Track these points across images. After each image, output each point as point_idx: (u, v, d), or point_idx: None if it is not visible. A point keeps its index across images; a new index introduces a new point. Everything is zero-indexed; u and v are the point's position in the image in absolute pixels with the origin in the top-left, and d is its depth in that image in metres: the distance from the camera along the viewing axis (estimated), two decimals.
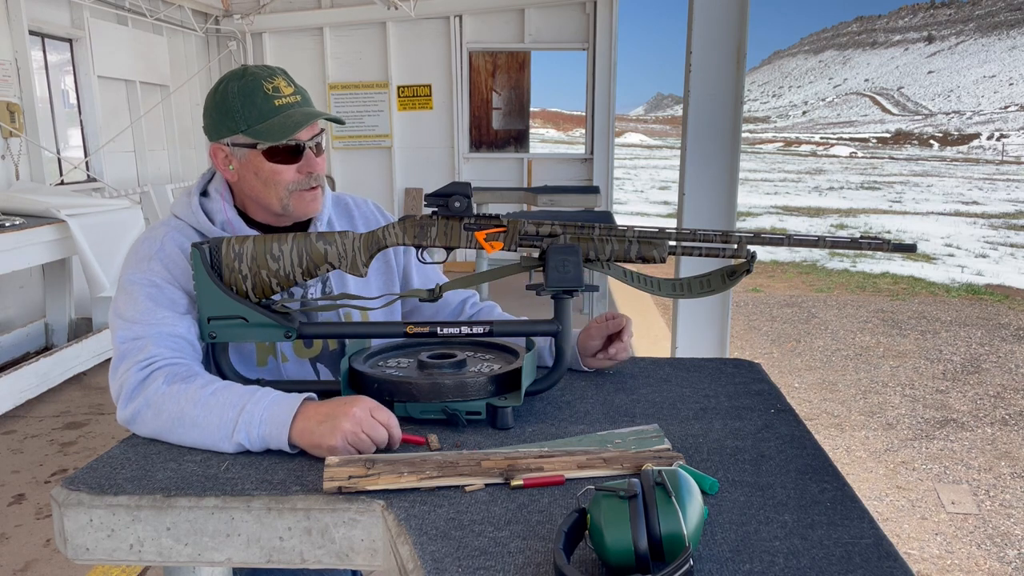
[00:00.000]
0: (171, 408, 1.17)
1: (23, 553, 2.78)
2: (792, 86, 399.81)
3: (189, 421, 1.16)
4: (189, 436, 1.16)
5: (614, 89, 7.92)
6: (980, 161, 56.40)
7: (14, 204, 4.39)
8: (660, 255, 1.25)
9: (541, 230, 1.26)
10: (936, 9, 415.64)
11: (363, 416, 1.10)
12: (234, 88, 1.32)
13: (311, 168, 1.35)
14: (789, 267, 10.13)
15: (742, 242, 1.22)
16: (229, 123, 1.32)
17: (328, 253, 1.25)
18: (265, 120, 1.31)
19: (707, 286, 1.27)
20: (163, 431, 1.17)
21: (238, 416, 1.14)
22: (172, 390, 1.18)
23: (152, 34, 6.96)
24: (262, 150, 1.32)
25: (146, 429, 1.20)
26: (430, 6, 7.64)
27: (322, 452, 1.09)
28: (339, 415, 1.10)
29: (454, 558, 0.84)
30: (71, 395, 4.46)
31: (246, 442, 1.13)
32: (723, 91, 2.49)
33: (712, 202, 2.55)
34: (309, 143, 1.34)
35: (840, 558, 0.83)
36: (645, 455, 1.05)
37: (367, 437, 1.10)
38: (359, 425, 1.09)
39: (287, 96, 1.33)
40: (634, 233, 1.25)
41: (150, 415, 1.18)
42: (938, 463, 3.86)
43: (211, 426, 1.15)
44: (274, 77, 1.34)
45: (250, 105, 1.31)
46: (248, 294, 1.26)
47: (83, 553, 0.99)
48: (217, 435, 1.14)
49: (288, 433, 1.11)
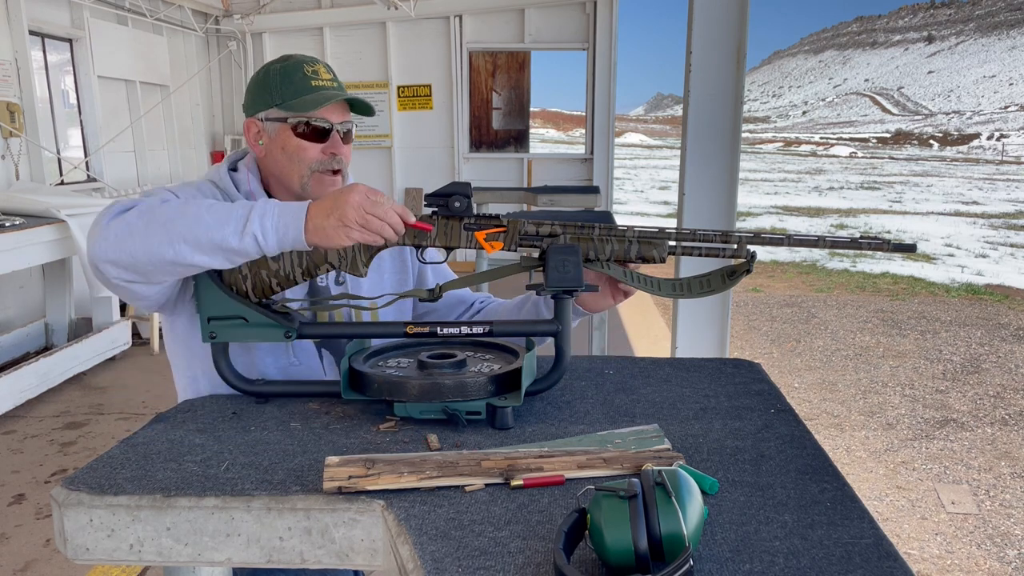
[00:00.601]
0: (168, 212, 1.15)
1: (23, 553, 2.78)
2: (792, 86, 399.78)
3: (192, 216, 1.15)
4: (188, 231, 1.13)
5: (614, 89, 7.92)
6: (980, 161, 56.40)
7: (14, 204, 4.40)
8: (660, 255, 1.25)
9: (541, 230, 1.26)
10: (936, 9, 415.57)
11: (362, 200, 1.14)
12: (276, 67, 1.40)
13: (335, 150, 1.40)
14: (789, 267, 10.13)
15: (742, 242, 1.22)
16: (265, 98, 1.39)
17: (328, 253, 1.25)
18: (299, 96, 1.37)
19: (707, 286, 1.27)
20: (153, 238, 1.13)
21: (249, 212, 1.15)
22: (170, 203, 1.18)
23: (152, 34, 6.96)
24: (291, 124, 1.37)
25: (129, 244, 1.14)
26: (430, 6, 7.64)
27: (339, 245, 1.15)
28: (343, 205, 1.13)
29: (454, 558, 0.84)
30: (71, 395, 4.46)
31: (259, 232, 1.14)
32: (723, 91, 2.49)
33: (712, 202, 2.55)
34: (338, 126, 1.40)
35: (840, 558, 0.83)
36: (645, 455, 1.05)
37: (375, 217, 1.14)
38: (362, 208, 1.13)
39: (325, 80, 1.40)
40: (634, 233, 1.25)
41: (141, 223, 1.15)
42: (938, 463, 3.86)
43: (218, 221, 1.14)
44: (316, 63, 1.42)
45: (288, 82, 1.38)
46: (248, 294, 1.26)
47: (83, 553, 0.99)
48: (226, 229, 1.14)
49: (304, 225, 1.14)
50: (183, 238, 1.14)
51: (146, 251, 1.14)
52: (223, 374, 1.29)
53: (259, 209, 1.15)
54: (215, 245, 1.15)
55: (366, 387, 1.22)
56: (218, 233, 1.14)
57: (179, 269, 1.18)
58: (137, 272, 1.17)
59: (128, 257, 1.15)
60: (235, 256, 1.17)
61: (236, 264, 1.21)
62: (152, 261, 1.15)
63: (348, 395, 1.25)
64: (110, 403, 4.35)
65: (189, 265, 1.17)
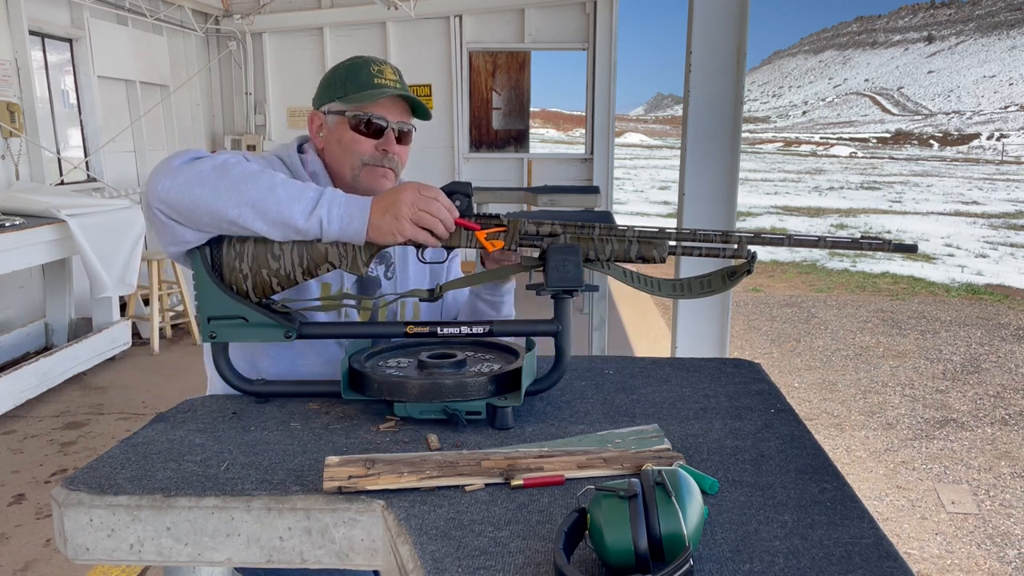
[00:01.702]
0: (242, 173, 1.19)
1: (23, 553, 2.78)
2: (792, 86, 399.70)
3: (265, 185, 1.18)
4: (259, 198, 1.17)
5: (614, 89, 7.91)
6: (980, 161, 56.40)
7: (14, 204, 4.39)
8: (660, 255, 1.25)
9: (541, 230, 1.26)
10: (936, 9, 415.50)
11: (415, 197, 1.20)
12: (345, 63, 1.46)
13: (388, 147, 1.43)
14: (789, 267, 10.13)
15: (742, 242, 1.21)
16: (330, 92, 1.45)
17: (329, 252, 1.25)
18: (360, 91, 1.41)
19: (707, 286, 1.26)
20: (222, 192, 1.16)
21: (320, 196, 1.20)
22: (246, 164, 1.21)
23: (152, 34, 6.96)
24: (348, 117, 1.41)
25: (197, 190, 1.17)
26: (430, 6, 7.64)
27: (398, 240, 1.21)
28: (397, 203, 1.19)
29: (454, 558, 0.84)
30: (71, 395, 4.46)
31: (325, 217, 1.18)
32: (723, 91, 2.49)
33: (712, 202, 2.55)
34: (394, 124, 1.44)
35: (840, 558, 0.83)
36: (645, 455, 1.05)
37: (427, 214, 1.20)
38: (415, 205, 1.19)
39: (388, 80, 1.44)
40: (634, 233, 1.24)
41: (214, 175, 1.18)
42: (938, 463, 3.86)
43: (289, 197, 1.18)
44: (383, 64, 1.46)
45: (352, 78, 1.43)
46: (248, 293, 1.26)
47: (83, 553, 0.99)
48: (296, 207, 1.18)
49: (368, 217, 1.19)
50: (251, 203, 1.17)
51: (211, 202, 1.17)
52: (223, 374, 1.29)
53: (329, 196, 1.20)
54: (281, 219, 1.18)
55: (366, 387, 1.22)
56: (287, 208, 1.18)
57: (233, 228, 1.21)
58: (189, 218, 1.19)
59: (190, 202, 1.17)
60: (295, 234, 1.21)
61: (288, 239, 1.23)
62: (211, 213, 1.18)
63: (348, 395, 1.25)
64: (110, 403, 4.35)
65: (246, 228, 1.20)
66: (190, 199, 1.17)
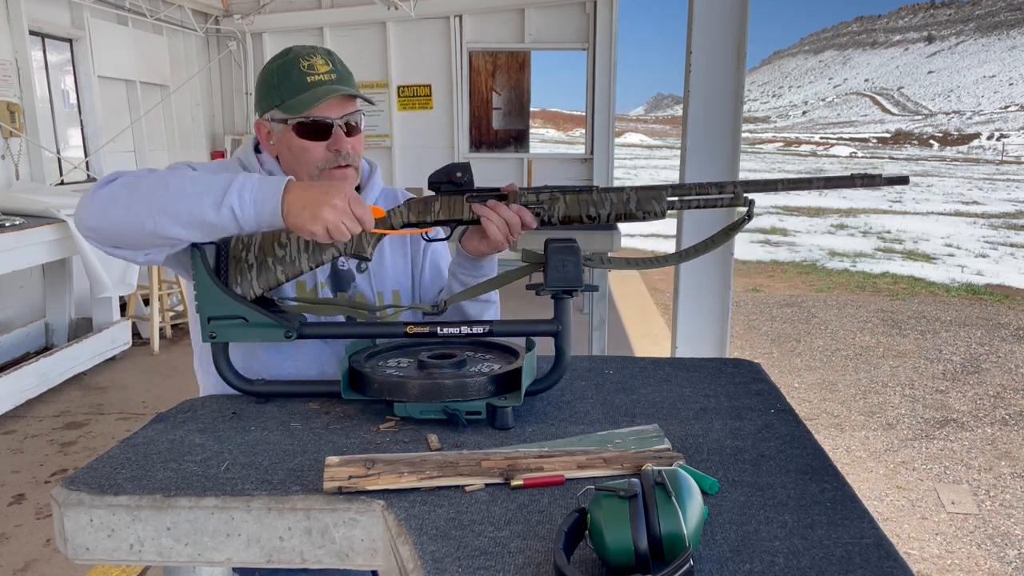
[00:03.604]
0: (153, 182, 1.15)
1: (23, 553, 2.78)
2: (792, 86, 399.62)
3: (175, 188, 1.14)
4: (170, 202, 1.13)
5: (614, 89, 7.91)
6: (980, 161, 56.41)
7: (14, 204, 4.40)
8: (660, 207, 1.25)
9: (541, 196, 1.27)
10: (936, 9, 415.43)
11: (344, 208, 1.13)
12: (275, 65, 1.39)
13: (339, 146, 1.38)
14: (789, 267, 10.14)
15: (738, 188, 1.22)
16: (268, 98, 1.39)
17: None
18: (296, 95, 1.36)
19: (711, 243, 1.28)
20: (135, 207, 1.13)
21: (229, 184, 1.14)
22: (156, 173, 1.18)
23: (152, 34, 6.96)
24: (292, 124, 1.36)
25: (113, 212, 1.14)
26: (430, 6, 7.64)
27: (303, 234, 1.14)
28: (322, 204, 1.12)
29: (454, 558, 0.84)
30: (71, 395, 4.46)
31: (237, 206, 1.13)
32: (723, 91, 2.48)
33: None
34: (338, 121, 1.38)
35: (840, 558, 0.83)
36: (645, 455, 1.05)
37: (345, 228, 1.13)
38: (340, 217, 1.13)
39: (321, 74, 1.38)
40: (632, 188, 1.26)
41: (125, 192, 1.15)
42: (938, 463, 3.86)
43: (198, 193, 1.13)
44: (313, 56, 1.39)
45: (285, 80, 1.37)
46: (253, 284, 1.26)
47: (83, 553, 0.99)
48: (205, 201, 1.13)
49: (280, 202, 1.13)
50: (163, 209, 1.13)
51: (128, 220, 1.14)
52: (223, 374, 1.29)
53: (239, 182, 1.14)
54: (194, 218, 1.14)
55: (366, 387, 1.22)
56: (197, 205, 1.13)
57: (159, 241, 1.17)
58: (117, 239, 1.17)
59: (110, 225, 1.15)
60: (213, 230, 1.16)
61: (215, 239, 1.20)
62: (133, 232, 1.15)
63: (348, 395, 1.25)
64: (110, 403, 4.35)
65: (168, 238, 1.16)
66: (109, 221, 1.15)
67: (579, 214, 1.27)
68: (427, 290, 1.57)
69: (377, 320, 1.42)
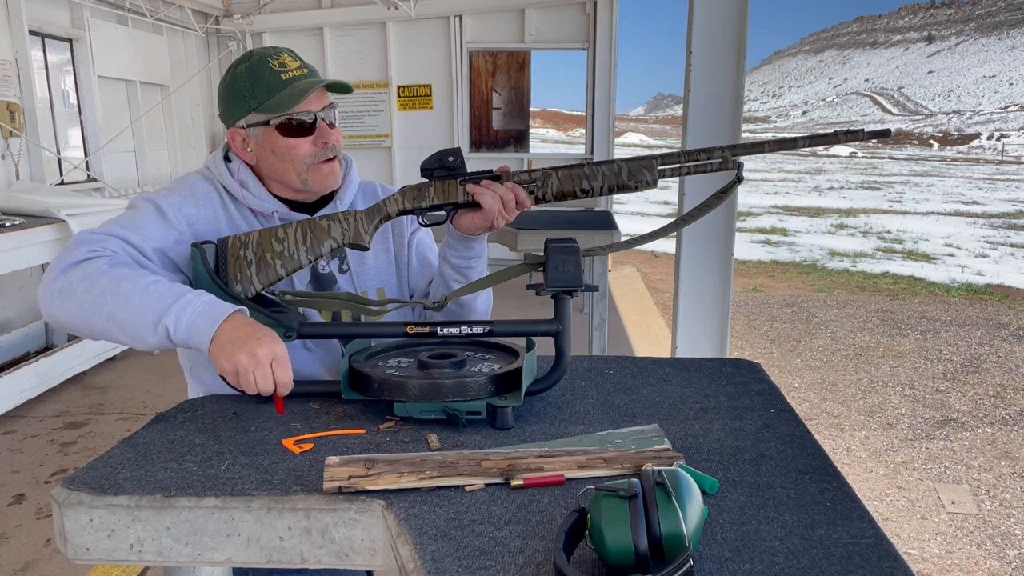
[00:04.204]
0: (106, 284, 1.16)
1: (23, 553, 2.78)
2: (792, 86, 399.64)
3: (124, 296, 1.15)
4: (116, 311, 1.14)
5: (614, 89, 7.91)
6: (980, 161, 56.43)
7: (14, 204, 4.39)
8: (651, 176, 1.27)
9: (533, 174, 1.29)
10: (936, 9, 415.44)
11: (263, 362, 1.13)
12: (242, 70, 1.36)
13: (325, 139, 1.38)
14: (789, 267, 10.14)
15: (725, 152, 1.24)
16: (241, 104, 1.36)
17: (332, 228, 1.27)
18: (274, 94, 1.34)
19: (704, 207, 1.31)
20: (87, 307, 1.15)
21: (174, 302, 1.15)
22: (114, 270, 1.18)
23: (152, 34, 6.95)
24: (275, 125, 1.35)
25: (68, 304, 1.16)
26: (430, 6, 7.64)
27: (215, 366, 1.14)
28: (245, 346, 1.12)
29: (454, 558, 0.84)
30: (71, 395, 4.46)
31: (172, 327, 1.14)
32: (723, 91, 2.49)
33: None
34: (321, 114, 1.37)
35: (840, 558, 0.83)
36: (645, 455, 1.05)
37: (253, 381, 1.13)
38: (254, 367, 1.12)
39: (293, 70, 1.37)
40: (623, 160, 1.28)
41: (82, 287, 1.16)
42: (938, 463, 3.86)
43: (142, 308, 1.14)
44: (279, 54, 1.38)
45: (258, 82, 1.35)
46: (253, 280, 1.26)
47: (83, 553, 0.99)
48: (148, 318, 1.14)
49: (213, 333, 1.13)
50: (111, 316, 1.16)
51: (80, 318, 1.17)
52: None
53: (183, 304, 1.15)
54: (136, 332, 1.16)
55: (366, 387, 1.22)
56: (140, 320, 1.15)
57: (105, 338, 1.19)
58: (76, 332, 1.20)
59: (66, 316, 1.18)
60: (150, 346, 1.18)
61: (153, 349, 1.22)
62: (86, 329, 1.18)
63: (348, 395, 1.25)
64: (110, 403, 4.35)
65: (113, 340, 1.19)
66: (65, 314, 1.18)
67: (572, 188, 1.29)
68: (416, 282, 1.56)
69: (377, 320, 1.42)
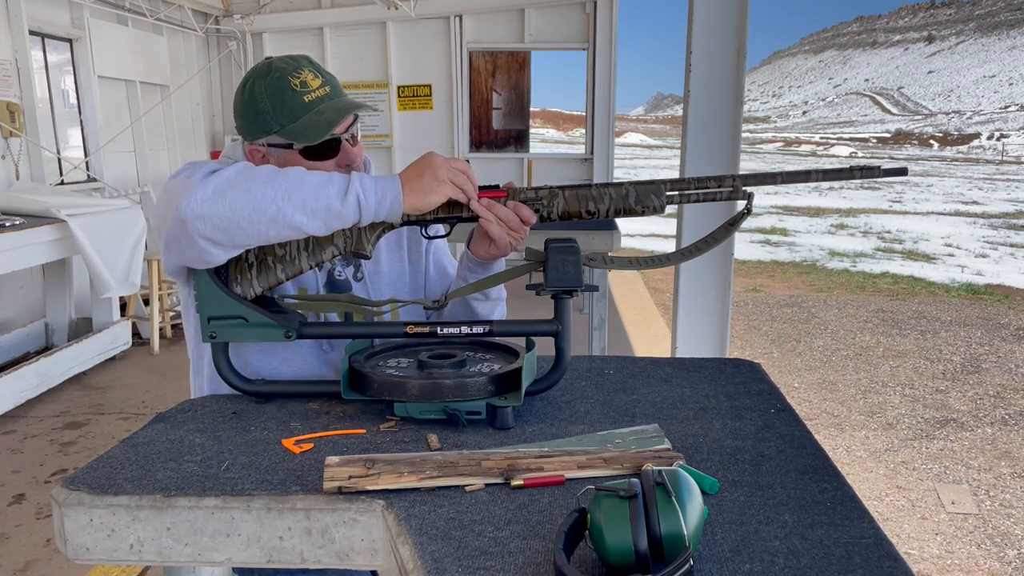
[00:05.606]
0: (268, 171, 1.15)
1: (23, 553, 2.78)
2: (792, 86, 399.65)
3: (294, 176, 1.15)
4: (294, 189, 1.13)
5: (614, 89, 7.91)
6: (980, 161, 56.45)
7: (14, 204, 4.39)
8: (659, 202, 1.26)
9: (540, 192, 1.28)
10: (936, 9, 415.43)
11: (445, 161, 1.22)
12: (261, 87, 1.32)
13: (349, 161, 1.37)
14: (789, 267, 10.14)
15: (736, 181, 1.23)
16: (262, 124, 1.33)
17: (334, 235, 1.25)
18: (297, 119, 1.31)
19: (712, 240, 1.29)
20: (255, 192, 1.12)
21: (349, 178, 1.17)
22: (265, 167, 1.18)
23: (152, 34, 6.96)
24: (298, 149, 1.33)
25: (232, 196, 1.11)
26: (430, 6, 7.64)
27: (427, 206, 1.20)
28: (432, 167, 1.20)
29: (454, 558, 0.84)
30: (71, 395, 4.46)
31: (361, 194, 1.16)
32: (723, 91, 2.49)
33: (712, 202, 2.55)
34: (345, 136, 1.36)
35: (840, 558, 0.83)
36: (645, 455, 1.05)
37: (460, 173, 1.22)
38: (448, 166, 1.21)
39: (316, 90, 1.34)
40: (631, 183, 1.26)
41: (241, 179, 1.13)
42: (938, 463, 3.86)
43: (320, 183, 1.15)
44: (300, 70, 1.33)
45: (280, 104, 1.31)
46: (253, 283, 1.25)
47: (83, 553, 0.99)
48: (330, 189, 1.15)
49: (400, 187, 1.19)
50: (287, 195, 1.13)
51: (248, 205, 1.12)
52: (223, 374, 1.29)
53: (357, 176, 1.18)
54: (320, 205, 1.14)
55: (366, 387, 1.22)
56: (323, 192, 1.14)
57: (272, 230, 1.14)
58: (228, 227, 1.13)
59: (227, 211, 1.12)
60: (335, 219, 1.16)
61: (330, 231, 1.19)
62: (251, 217, 1.12)
63: (348, 395, 1.25)
64: (110, 403, 4.35)
65: (287, 224, 1.14)
66: (227, 206, 1.11)
67: (578, 209, 1.27)
68: (434, 290, 1.57)
69: (377, 320, 1.42)
